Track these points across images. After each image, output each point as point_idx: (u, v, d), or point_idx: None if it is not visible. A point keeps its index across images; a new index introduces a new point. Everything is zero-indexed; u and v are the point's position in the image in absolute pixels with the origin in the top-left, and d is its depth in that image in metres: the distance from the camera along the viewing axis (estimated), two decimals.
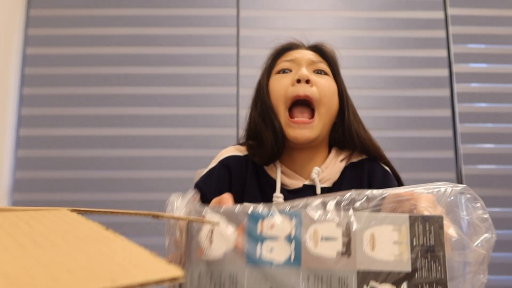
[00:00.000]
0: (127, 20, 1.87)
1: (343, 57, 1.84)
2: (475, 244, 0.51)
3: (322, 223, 0.52)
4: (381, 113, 1.82)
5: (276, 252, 0.51)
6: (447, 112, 1.82)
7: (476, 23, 1.88)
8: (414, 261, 0.50)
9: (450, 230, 0.51)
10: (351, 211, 0.52)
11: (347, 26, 1.88)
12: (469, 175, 1.77)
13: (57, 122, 1.79)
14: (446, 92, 1.84)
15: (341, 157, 0.88)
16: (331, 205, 0.53)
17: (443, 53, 1.86)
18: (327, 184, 0.85)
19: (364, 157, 0.89)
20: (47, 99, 1.81)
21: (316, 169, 0.84)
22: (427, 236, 0.51)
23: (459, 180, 1.77)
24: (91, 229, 0.34)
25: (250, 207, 0.53)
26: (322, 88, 0.84)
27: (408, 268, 0.50)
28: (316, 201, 0.54)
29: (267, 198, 0.84)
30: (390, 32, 1.87)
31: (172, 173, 1.78)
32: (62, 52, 1.84)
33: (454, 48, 1.86)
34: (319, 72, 0.87)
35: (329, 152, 0.90)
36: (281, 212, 0.53)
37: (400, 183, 0.91)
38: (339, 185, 0.85)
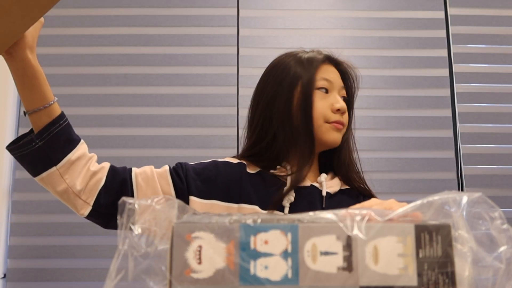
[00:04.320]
0: (127, 20, 1.86)
1: (343, 57, 1.84)
2: (493, 257, 0.48)
3: (321, 237, 0.48)
4: (381, 113, 1.81)
5: (271, 269, 0.47)
6: (447, 112, 1.82)
7: (476, 23, 1.88)
8: (420, 275, 0.47)
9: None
10: (352, 223, 0.49)
11: (347, 26, 1.87)
12: (469, 175, 1.77)
13: None
14: (446, 92, 1.84)
15: (339, 177, 0.99)
16: (331, 217, 0.49)
17: (443, 53, 1.86)
18: (330, 190, 0.95)
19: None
20: None
21: (324, 175, 0.96)
22: (434, 247, 0.47)
23: (459, 180, 1.78)
24: None
25: (241, 220, 0.49)
26: (346, 116, 0.97)
27: (414, 282, 0.47)
28: (322, 214, 0.50)
29: (268, 199, 0.92)
30: (390, 32, 1.87)
31: None
32: (61, 52, 1.84)
33: (454, 48, 1.86)
34: (343, 98, 0.98)
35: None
36: (276, 226, 0.49)
37: None
38: (339, 197, 0.96)
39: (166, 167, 0.93)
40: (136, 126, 1.79)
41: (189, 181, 0.92)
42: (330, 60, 1.00)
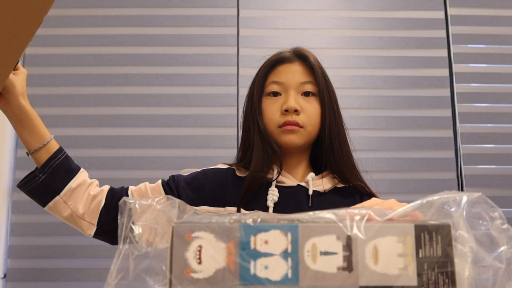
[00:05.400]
0: (127, 20, 1.86)
1: (343, 57, 1.85)
2: (493, 257, 0.47)
3: (320, 237, 0.48)
4: (381, 113, 1.82)
5: (271, 269, 0.47)
6: (447, 112, 1.82)
7: (476, 23, 1.88)
8: (420, 275, 0.47)
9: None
10: (352, 223, 0.49)
11: (347, 26, 1.87)
12: (469, 175, 1.77)
13: (57, 122, 1.78)
14: (446, 92, 1.84)
15: (334, 176, 0.99)
16: (331, 217, 0.49)
17: (443, 53, 1.86)
18: (319, 189, 0.96)
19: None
20: (47, 99, 1.80)
21: (311, 174, 0.97)
22: (434, 247, 0.47)
23: (459, 180, 1.78)
24: None
25: (241, 220, 0.49)
26: (308, 113, 0.95)
27: (414, 282, 0.46)
28: (321, 214, 0.50)
29: (257, 200, 0.96)
30: (390, 32, 1.87)
31: (172, 173, 1.77)
32: (62, 52, 1.84)
33: (454, 48, 1.86)
34: (306, 93, 0.96)
35: (309, 159, 1.03)
36: (276, 226, 0.49)
37: None
38: (331, 195, 0.96)
39: (159, 182, 1.01)
40: (136, 126, 1.79)
41: (180, 191, 0.98)
42: (287, 58, 0.98)
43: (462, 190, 1.78)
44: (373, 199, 0.70)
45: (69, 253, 1.70)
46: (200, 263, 0.48)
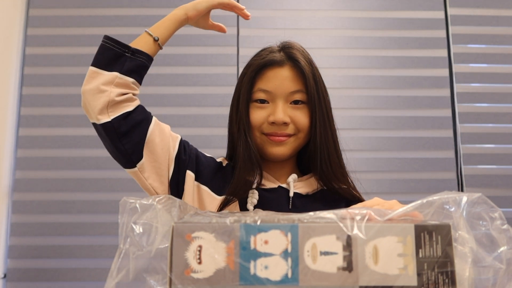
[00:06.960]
0: (127, 20, 1.86)
1: (343, 57, 1.85)
2: (493, 257, 0.47)
3: (321, 237, 0.48)
4: (381, 113, 1.82)
5: (271, 269, 0.47)
6: (447, 112, 1.82)
7: (476, 23, 1.88)
8: (420, 275, 0.47)
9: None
10: (352, 223, 0.48)
11: (347, 26, 1.87)
12: (469, 175, 1.77)
13: (57, 122, 1.78)
14: (446, 92, 1.84)
15: (317, 178, 0.95)
16: (331, 217, 0.49)
17: (443, 53, 1.86)
18: (301, 191, 0.93)
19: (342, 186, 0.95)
20: (46, 99, 1.80)
21: (293, 176, 0.93)
22: (434, 247, 0.47)
23: (459, 180, 1.78)
24: None
25: (242, 220, 0.49)
26: (298, 122, 0.90)
27: (414, 282, 0.46)
28: (322, 214, 0.50)
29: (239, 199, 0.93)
30: (390, 32, 1.87)
31: None
32: (61, 52, 1.84)
33: (454, 48, 1.86)
34: (295, 102, 0.90)
35: (296, 161, 0.99)
36: (276, 226, 0.49)
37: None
38: (313, 198, 0.93)
39: (179, 138, 0.99)
40: None
41: (191, 157, 0.96)
42: (276, 62, 0.91)
43: (462, 190, 1.78)
44: (375, 198, 0.69)
45: (69, 253, 1.70)
46: (200, 263, 0.48)
